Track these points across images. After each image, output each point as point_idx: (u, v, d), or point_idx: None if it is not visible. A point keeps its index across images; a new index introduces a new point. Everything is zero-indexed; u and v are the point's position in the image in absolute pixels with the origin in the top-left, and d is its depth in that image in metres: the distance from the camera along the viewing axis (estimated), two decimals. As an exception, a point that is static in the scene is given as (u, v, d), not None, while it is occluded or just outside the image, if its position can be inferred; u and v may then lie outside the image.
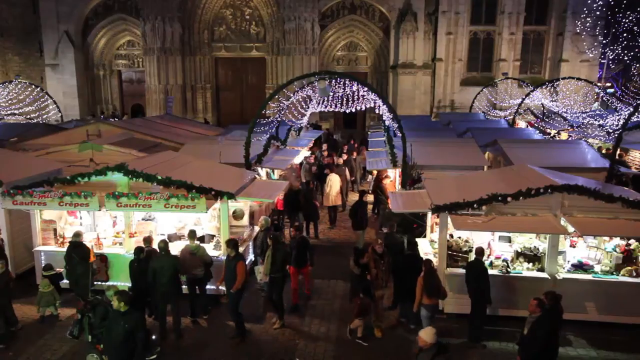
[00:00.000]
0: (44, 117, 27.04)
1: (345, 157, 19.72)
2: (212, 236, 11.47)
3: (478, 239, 10.43)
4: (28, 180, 10.89)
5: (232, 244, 9.28)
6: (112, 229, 11.74)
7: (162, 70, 33.70)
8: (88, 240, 10.82)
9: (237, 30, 35.28)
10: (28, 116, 26.45)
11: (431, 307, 8.84)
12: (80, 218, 11.88)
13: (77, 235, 10.14)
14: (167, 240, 10.09)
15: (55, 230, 11.21)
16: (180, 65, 34.17)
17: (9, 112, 26.05)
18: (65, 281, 10.37)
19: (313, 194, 15.78)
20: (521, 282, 9.63)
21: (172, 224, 11.76)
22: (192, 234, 10.22)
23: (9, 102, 26.15)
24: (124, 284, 10.52)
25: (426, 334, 6.33)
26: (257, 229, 12.23)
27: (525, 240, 10.36)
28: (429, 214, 11.60)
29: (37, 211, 10.93)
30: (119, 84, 37.83)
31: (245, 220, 12.42)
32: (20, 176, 11.35)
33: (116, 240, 11.36)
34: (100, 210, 10.34)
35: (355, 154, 20.66)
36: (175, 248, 10.41)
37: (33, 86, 27.71)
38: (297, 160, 18.36)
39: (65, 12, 33.96)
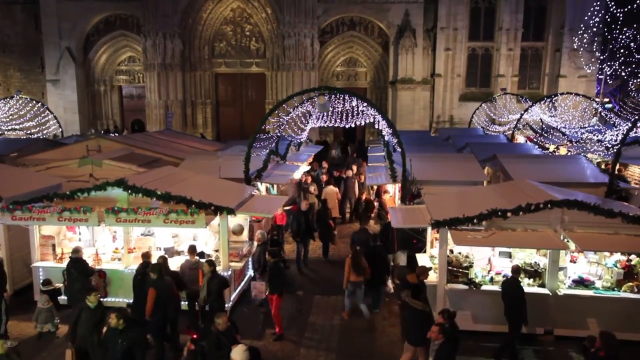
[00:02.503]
0: (45, 132, 27.10)
1: (350, 173, 19.50)
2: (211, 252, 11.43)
3: (478, 254, 10.40)
4: (28, 195, 10.87)
5: (157, 268, 9.02)
6: (112, 245, 11.70)
7: (162, 86, 33.88)
8: (87, 255, 10.77)
9: (237, 46, 35.57)
10: (28, 131, 26.52)
11: (355, 283, 10.43)
12: (79, 234, 11.84)
13: (77, 251, 10.10)
14: (166, 256, 10.05)
15: (53, 245, 11.17)
16: (180, 81, 34.37)
17: (9, 128, 26.11)
18: (64, 297, 10.30)
19: (328, 213, 15.03)
20: (522, 298, 9.55)
21: (171, 239, 11.72)
22: (192, 249, 10.20)
23: (10, 117, 26.23)
24: (123, 299, 10.48)
25: (236, 354, 6.41)
26: (256, 244, 12.19)
27: (525, 256, 10.32)
28: (429, 229, 11.57)
29: (35, 227, 10.90)
30: (120, 99, 38.02)
31: (245, 235, 12.39)
32: (20, 191, 11.34)
33: (115, 256, 11.32)
34: (99, 225, 10.31)
35: (351, 172, 19.59)
36: (175, 263, 10.38)
37: (34, 102, 27.83)
38: (297, 175, 18.36)
39: (67, 28, 34.26)
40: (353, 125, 17.65)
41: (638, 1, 25.28)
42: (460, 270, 10.11)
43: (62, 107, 34.58)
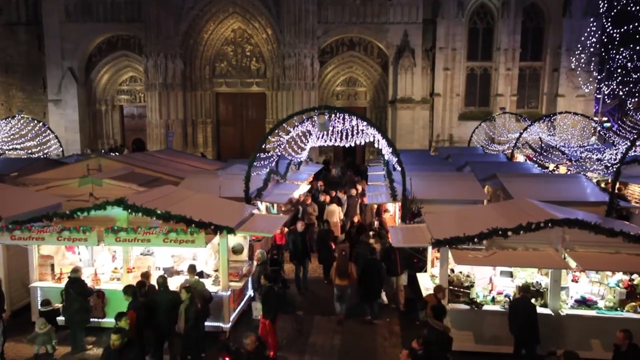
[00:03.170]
0: (45, 152, 27.17)
1: (354, 192, 19.47)
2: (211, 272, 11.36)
3: (480, 273, 10.33)
4: (27, 215, 10.83)
5: (130, 291, 8.96)
6: (111, 264, 11.63)
7: (163, 105, 34.11)
8: (86, 275, 10.70)
9: (237, 66, 35.91)
10: (29, 151, 26.58)
11: (341, 287, 11.14)
12: (79, 254, 11.78)
13: (76, 270, 10.04)
14: (166, 276, 9.99)
15: (52, 265, 11.10)
16: (181, 100, 34.61)
17: (10, 147, 26.18)
18: (62, 317, 10.20)
19: (330, 235, 14.74)
20: (524, 318, 9.45)
21: (171, 259, 11.66)
22: (191, 269, 10.14)
23: (11, 137, 26.33)
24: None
25: None
26: (255, 263, 12.12)
27: (527, 275, 10.25)
28: (430, 249, 11.53)
29: (34, 246, 10.85)
30: (121, 118, 38.24)
31: (245, 255, 12.32)
32: (20, 211, 11.32)
33: (114, 276, 11.23)
34: (98, 245, 10.27)
35: (355, 191, 19.52)
36: (174, 283, 10.30)
37: (35, 121, 27.96)
38: (297, 194, 18.35)
39: (69, 49, 34.62)
40: (353, 145, 17.69)
41: (634, 22, 25.60)
42: (462, 289, 10.04)
43: (64, 126, 34.75)
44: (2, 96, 37.26)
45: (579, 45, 32.19)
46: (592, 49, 31.75)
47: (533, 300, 9.74)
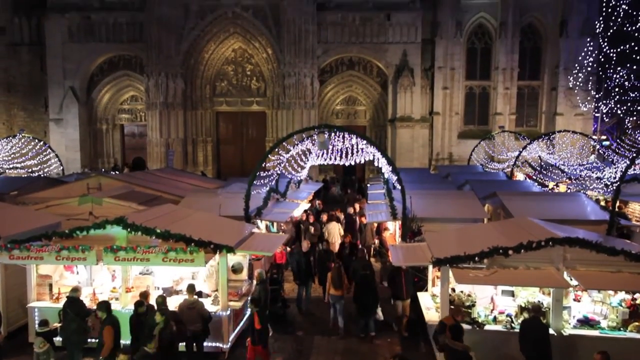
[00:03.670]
0: (46, 170, 27.21)
1: (351, 210, 19.44)
2: (210, 292, 11.28)
3: (481, 293, 10.26)
4: (26, 234, 10.80)
5: (104, 306, 8.91)
6: (111, 284, 11.55)
7: (164, 124, 34.28)
8: (84, 295, 10.62)
9: (238, 85, 36.19)
10: (29, 170, 26.61)
11: (335, 297, 11.72)
12: (77, 273, 11.71)
13: (75, 290, 9.96)
14: (165, 296, 9.91)
15: (50, 285, 11.01)
16: (181, 119, 34.79)
17: (11, 166, 26.22)
18: (59, 338, 10.09)
19: (330, 256, 14.39)
20: (526, 338, 9.36)
21: (170, 278, 11.59)
22: (191, 288, 10.07)
23: (12, 156, 26.38)
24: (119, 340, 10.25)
25: None
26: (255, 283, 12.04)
27: (528, 294, 10.17)
28: (430, 268, 11.47)
29: (33, 266, 10.78)
30: (121, 137, 38.37)
31: (244, 274, 12.25)
32: (19, 230, 11.28)
33: (112, 296, 11.15)
34: (97, 264, 10.21)
35: (352, 209, 19.50)
36: (173, 303, 10.22)
37: (36, 140, 28.06)
38: (297, 213, 18.32)
39: (71, 69, 34.92)
40: (353, 163, 17.72)
41: (631, 42, 25.89)
42: (463, 309, 9.95)
43: (64, 145, 34.86)
44: (4, 115, 37.46)
45: (576, 65, 32.50)
46: (589, 69, 32.04)
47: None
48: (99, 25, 34.55)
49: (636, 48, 25.73)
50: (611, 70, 29.53)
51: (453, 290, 10.25)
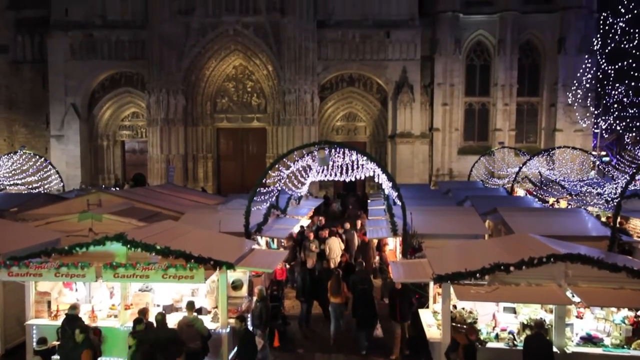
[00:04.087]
0: (46, 187, 27.22)
1: (348, 225, 19.38)
2: (210, 309, 11.19)
3: (482, 310, 10.17)
4: (26, 250, 10.76)
5: (80, 328, 8.80)
6: (109, 301, 11.47)
7: (164, 140, 34.41)
8: (83, 312, 10.53)
9: (239, 102, 36.40)
10: (30, 186, 26.62)
11: (336, 305, 12.06)
12: (76, 290, 11.64)
13: (74, 307, 9.89)
14: (164, 313, 9.84)
15: (49, 302, 10.93)
16: (182, 136, 34.92)
17: (11, 183, 26.23)
18: (57, 356, 9.98)
19: (330, 275, 13.76)
20: (529, 356, 9.25)
21: (170, 295, 11.51)
22: (190, 305, 9.99)
23: (13, 172, 26.41)
24: (117, 359, 10.18)
25: None
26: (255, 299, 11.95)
27: (530, 312, 10.08)
28: (431, 284, 11.39)
29: (31, 283, 10.72)
30: (122, 153, 38.48)
31: (244, 291, 12.17)
32: (18, 246, 11.25)
33: (111, 313, 11.06)
34: (96, 281, 10.15)
35: (349, 225, 19.33)
36: (172, 320, 10.14)
37: (37, 157, 28.12)
38: (297, 229, 18.27)
39: (73, 86, 35.17)
40: (353, 179, 17.74)
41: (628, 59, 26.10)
42: (465, 326, 9.86)
43: (65, 161, 34.97)
44: (5, 132, 37.62)
45: (575, 81, 32.72)
46: (587, 85, 32.24)
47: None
48: (101, 43, 34.91)
49: (634, 65, 25.92)
50: (609, 87, 29.70)
51: (454, 307, 10.18)
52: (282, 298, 13.77)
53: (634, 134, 31.73)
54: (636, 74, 26.13)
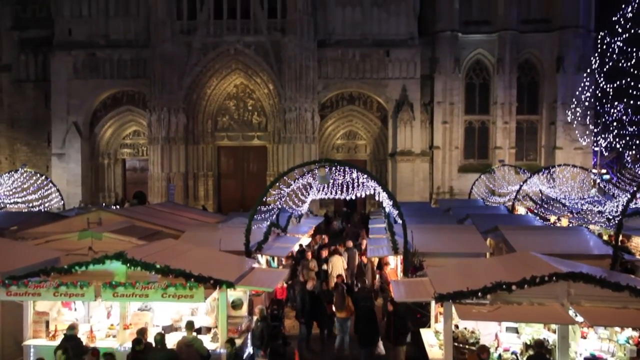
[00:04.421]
0: (47, 205, 27.19)
1: (350, 243, 19.31)
2: (209, 328, 11.09)
3: (484, 329, 10.07)
4: (25, 269, 10.68)
5: (63, 349, 8.71)
6: (108, 321, 11.36)
7: (165, 159, 34.50)
8: (81, 332, 10.43)
9: (239, 120, 36.59)
10: (30, 204, 26.59)
11: (341, 319, 12.39)
12: (75, 309, 11.54)
13: (72, 327, 9.81)
14: (164, 333, 9.75)
15: (47, 322, 10.82)
16: (183, 154, 35.03)
17: (12, 201, 26.21)
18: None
19: (330, 297, 13.70)
20: (533, 377, 9.14)
21: (169, 314, 11.41)
22: (189, 325, 9.91)
23: (13, 190, 26.42)
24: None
25: None
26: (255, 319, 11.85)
27: (533, 331, 9.97)
28: (433, 303, 11.29)
29: (30, 302, 10.63)
30: (123, 172, 38.57)
31: (244, 310, 12.07)
32: (18, 265, 11.15)
33: (110, 333, 10.95)
34: (95, 300, 10.07)
35: (351, 243, 19.25)
36: (172, 340, 10.04)
37: (38, 175, 28.15)
38: (297, 247, 18.19)
39: (75, 104, 35.41)
40: (354, 197, 17.72)
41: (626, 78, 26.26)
42: (467, 346, 9.75)
43: (66, 179, 35.01)
44: (7, 150, 37.76)
45: (574, 100, 32.90)
46: (587, 103, 32.36)
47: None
48: (104, 62, 35.26)
49: (632, 83, 26.08)
50: (608, 105, 29.85)
51: (456, 326, 10.07)
52: (283, 317, 13.64)
53: (633, 152, 31.76)
54: (635, 92, 26.28)
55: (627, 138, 29.82)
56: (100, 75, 35.35)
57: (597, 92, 31.26)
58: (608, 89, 28.31)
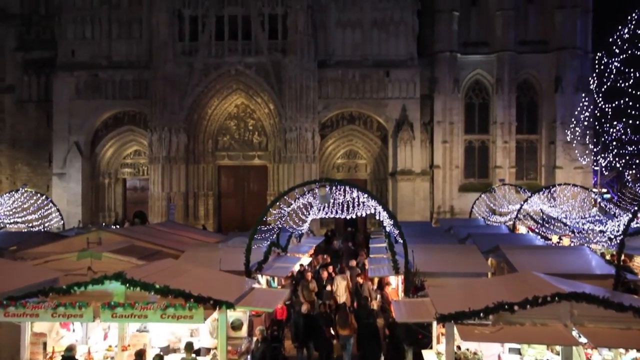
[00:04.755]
0: (46, 225, 27.13)
1: (354, 263, 19.21)
2: (209, 350, 10.96)
3: (487, 351, 9.96)
4: (23, 290, 10.60)
5: None
6: (105, 342, 11.23)
7: (166, 178, 34.53)
8: (79, 354, 10.31)
9: (240, 140, 36.74)
10: (30, 224, 26.53)
11: (344, 337, 12.46)
12: (73, 331, 11.42)
13: (70, 349, 9.69)
14: (162, 354, 9.63)
15: (44, 344, 10.70)
16: (183, 173, 35.09)
17: (12, 221, 26.15)
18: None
19: (329, 320, 13.55)
20: (537, 400, 9.02)
21: (167, 336, 11.29)
22: (188, 347, 9.80)
23: (14, 210, 26.39)
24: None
25: None
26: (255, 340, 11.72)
27: (536, 353, 9.86)
28: (434, 324, 11.17)
29: (27, 323, 10.52)
30: (123, 191, 38.58)
31: (244, 331, 11.94)
32: (16, 286, 11.07)
33: (108, 354, 10.82)
34: (94, 321, 9.97)
35: (354, 262, 19.19)
36: (170, 362, 9.92)
37: (38, 194, 28.14)
38: (297, 267, 18.09)
39: (77, 124, 35.60)
40: (354, 217, 17.70)
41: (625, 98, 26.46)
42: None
43: (66, 199, 35.00)
44: (8, 170, 37.83)
45: (573, 119, 33.09)
46: (586, 123, 32.57)
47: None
48: (106, 83, 35.57)
49: (630, 103, 26.26)
50: (608, 125, 30.00)
51: (459, 347, 9.96)
52: (283, 339, 13.49)
53: (633, 171, 31.81)
54: (634, 112, 26.44)
55: (627, 157, 29.89)
56: (102, 96, 35.63)
57: (596, 111, 31.47)
58: (607, 109, 28.49)
